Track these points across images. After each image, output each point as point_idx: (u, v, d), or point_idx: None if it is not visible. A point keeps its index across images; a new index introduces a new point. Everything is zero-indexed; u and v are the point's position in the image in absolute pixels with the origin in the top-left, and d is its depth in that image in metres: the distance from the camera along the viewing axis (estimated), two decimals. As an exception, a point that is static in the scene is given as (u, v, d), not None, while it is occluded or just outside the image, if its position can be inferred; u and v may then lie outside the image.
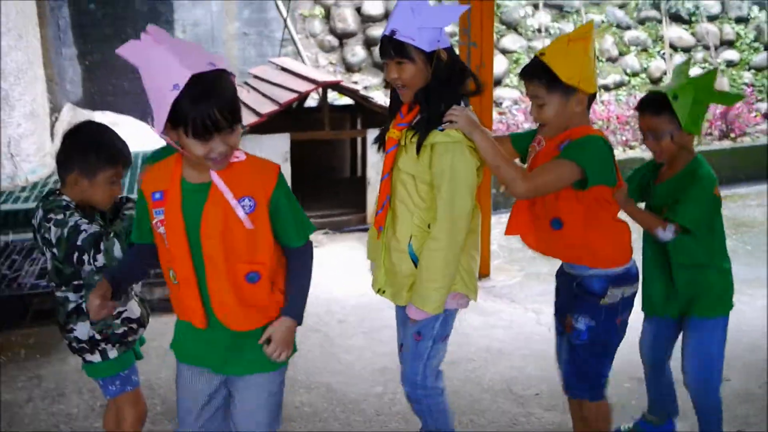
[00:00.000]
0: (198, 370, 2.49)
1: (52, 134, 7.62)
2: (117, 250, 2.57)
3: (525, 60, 10.46)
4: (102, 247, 2.57)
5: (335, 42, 10.38)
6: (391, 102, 2.92)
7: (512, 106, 9.63)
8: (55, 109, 8.32)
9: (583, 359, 2.90)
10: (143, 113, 8.29)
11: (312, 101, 7.96)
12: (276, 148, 6.27)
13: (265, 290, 2.37)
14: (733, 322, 2.99)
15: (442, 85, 2.70)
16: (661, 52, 11.06)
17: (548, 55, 2.69)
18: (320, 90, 6.71)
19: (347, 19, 10.38)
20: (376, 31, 10.28)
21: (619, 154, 8.44)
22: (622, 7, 11.24)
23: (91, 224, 2.64)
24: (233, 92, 2.21)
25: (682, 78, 2.96)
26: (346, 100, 7.79)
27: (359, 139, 7.56)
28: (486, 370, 4.18)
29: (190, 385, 2.51)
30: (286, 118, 6.64)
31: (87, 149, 2.71)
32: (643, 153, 8.37)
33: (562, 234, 2.81)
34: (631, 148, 8.91)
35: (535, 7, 10.82)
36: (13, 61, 6.70)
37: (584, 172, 2.64)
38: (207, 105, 2.11)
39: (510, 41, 10.57)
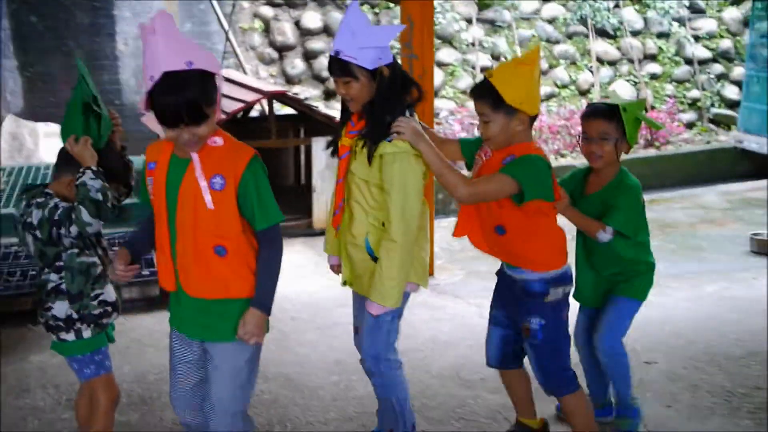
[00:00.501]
0: (179, 335, 2.75)
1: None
2: (85, 215, 2.81)
3: (459, 72, 10.84)
4: (73, 216, 2.81)
5: (275, 54, 10.59)
6: (342, 111, 3.16)
7: (449, 116, 9.96)
8: (-3, 121, 8.35)
9: (544, 358, 3.16)
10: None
11: (254, 112, 8.15)
12: (224, 156, 6.44)
13: (231, 265, 2.60)
14: (658, 312, 3.33)
15: (385, 99, 2.94)
16: (589, 65, 11.55)
17: (495, 77, 2.94)
18: (265, 100, 6.92)
19: (286, 33, 10.60)
20: (315, 44, 10.53)
21: (551, 161, 8.82)
22: (551, 22, 11.71)
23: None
24: (201, 92, 2.44)
25: (617, 98, 3.34)
26: (289, 110, 8.01)
27: (303, 148, 7.78)
28: (434, 359, 4.44)
29: (176, 349, 2.79)
30: (232, 127, 6.82)
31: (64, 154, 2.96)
32: (574, 161, 8.78)
33: (505, 239, 3.09)
34: (563, 156, 9.33)
35: (469, 22, 11.20)
36: (-42, 71, 6.77)
37: (521, 187, 2.91)
38: (170, 101, 2.39)
39: (446, 54, 10.92)
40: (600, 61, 11.60)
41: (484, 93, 2.96)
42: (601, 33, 11.78)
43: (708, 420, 3.73)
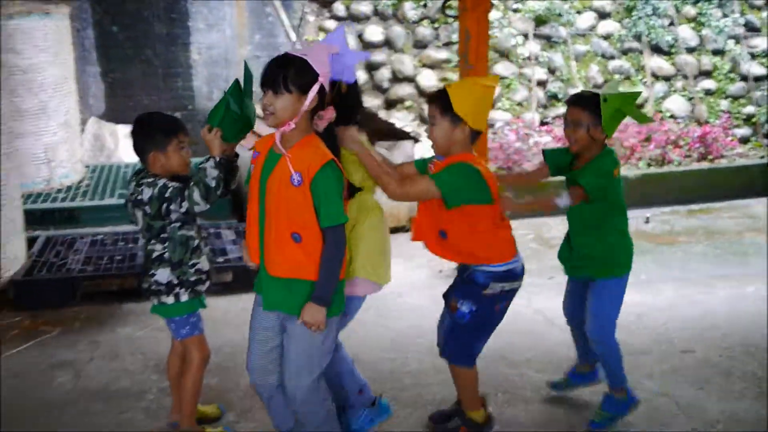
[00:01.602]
0: (259, 303, 3.16)
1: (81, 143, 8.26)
2: (196, 195, 3.24)
3: (516, 85, 11.19)
4: (185, 194, 3.26)
5: (338, 66, 11.06)
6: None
7: (504, 127, 10.30)
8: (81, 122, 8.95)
9: (463, 335, 3.53)
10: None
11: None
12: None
13: (305, 251, 2.98)
14: (699, 307, 3.59)
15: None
16: (643, 80, 11.80)
17: (452, 88, 3.30)
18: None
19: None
20: (377, 56, 10.98)
21: (627, 169, 9.15)
22: (606, 38, 11.99)
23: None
24: (293, 73, 2.86)
25: (614, 89, 3.59)
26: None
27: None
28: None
29: (257, 314, 3.19)
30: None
31: (150, 131, 3.41)
32: (626, 171, 9.04)
33: (448, 242, 3.44)
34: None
35: (525, 37, 11.55)
36: (51, 75, 7.35)
37: (441, 194, 3.27)
38: (270, 65, 2.92)
39: (502, 68, 11.28)
40: (654, 76, 11.83)
41: (437, 98, 3.33)
42: (656, 49, 12.01)
43: (738, 402, 4.03)
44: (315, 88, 2.88)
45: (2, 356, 4.62)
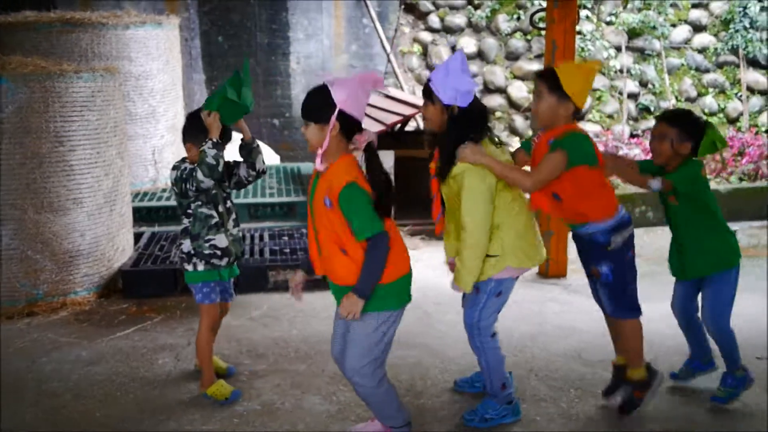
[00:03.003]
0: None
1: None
2: (199, 174, 3.85)
3: (606, 97, 11.23)
4: (193, 174, 3.88)
5: (431, 76, 11.35)
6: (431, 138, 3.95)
7: (594, 139, 10.37)
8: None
9: (617, 291, 3.86)
10: (258, 133, 9.43)
11: (409, 127, 8.90)
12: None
13: (351, 261, 3.33)
14: None
15: (452, 131, 3.62)
16: (738, 94, 11.66)
17: (561, 68, 3.70)
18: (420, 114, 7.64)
19: (443, 56, 11.33)
20: (470, 67, 11.20)
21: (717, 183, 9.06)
22: (701, 51, 11.91)
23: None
24: (314, 103, 3.30)
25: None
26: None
27: (453, 161, 8.43)
28: (559, 342, 4.99)
29: (336, 310, 3.57)
30: (390, 138, 7.60)
31: (191, 125, 4.04)
32: (717, 185, 9.00)
33: (562, 204, 3.81)
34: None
35: (618, 50, 11.58)
36: (160, 82, 7.85)
37: (566, 155, 3.63)
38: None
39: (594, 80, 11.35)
40: (750, 90, 11.69)
41: (547, 75, 3.74)
42: (753, 63, 11.86)
43: (809, 408, 4.10)
44: (333, 117, 3.24)
45: (111, 338, 5.05)
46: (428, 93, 3.65)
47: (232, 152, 4.09)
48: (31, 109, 5.33)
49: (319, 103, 3.28)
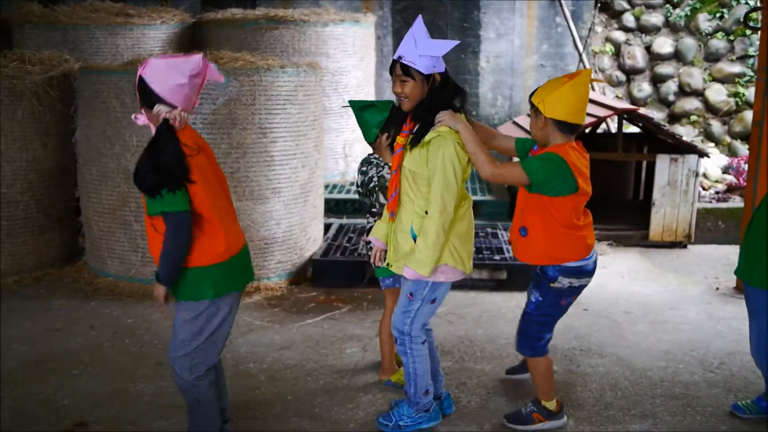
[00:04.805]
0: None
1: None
2: (381, 198, 4.17)
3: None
4: (375, 191, 4.21)
5: (623, 77, 10.99)
6: (397, 114, 3.83)
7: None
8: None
9: (530, 325, 3.75)
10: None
11: (599, 130, 8.67)
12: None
13: (155, 240, 3.25)
14: None
15: (434, 100, 3.49)
16: None
17: (538, 92, 3.54)
18: (612, 118, 7.42)
19: (636, 57, 10.96)
20: (664, 68, 10.77)
21: None
22: None
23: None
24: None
25: None
26: (633, 130, 8.42)
27: (645, 164, 8.14)
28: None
29: None
30: (581, 140, 7.41)
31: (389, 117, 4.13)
32: None
33: (528, 242, 3.62)
34: None
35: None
36: (355, 78, 8.06)
37: (529, 179, 3.46)
38: None
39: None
40: None
41: (531, 96, 3.58)
42: None
43: None
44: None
45: (301, 324, 5.23)
46: (405, 70, 3.46)
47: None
48: (239, 102, 5.60)
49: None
